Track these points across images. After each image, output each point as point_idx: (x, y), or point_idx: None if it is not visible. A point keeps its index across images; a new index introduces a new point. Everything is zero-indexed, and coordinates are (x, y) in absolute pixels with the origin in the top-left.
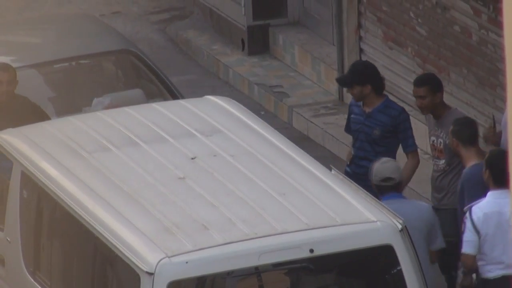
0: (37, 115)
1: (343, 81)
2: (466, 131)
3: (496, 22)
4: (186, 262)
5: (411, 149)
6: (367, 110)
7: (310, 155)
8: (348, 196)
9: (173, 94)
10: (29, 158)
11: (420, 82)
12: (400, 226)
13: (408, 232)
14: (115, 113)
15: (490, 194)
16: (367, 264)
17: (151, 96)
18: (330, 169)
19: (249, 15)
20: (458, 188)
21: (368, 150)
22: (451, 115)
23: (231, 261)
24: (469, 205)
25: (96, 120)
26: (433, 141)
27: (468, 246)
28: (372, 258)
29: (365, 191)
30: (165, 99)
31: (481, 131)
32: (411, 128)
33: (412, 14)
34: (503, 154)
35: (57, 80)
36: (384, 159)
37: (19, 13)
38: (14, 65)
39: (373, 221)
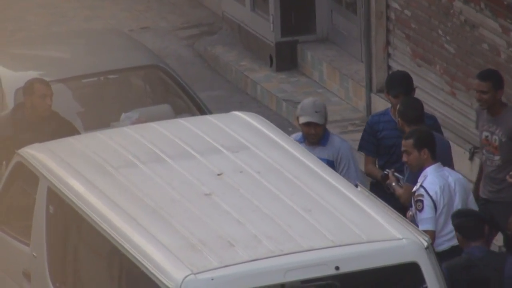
0: (69, 130)
1: (402, 91)
2: (411, 112)
3: None
4: (212, 279)
5: None
6: None
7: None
8: (374, 213)
9: (201, 109)
10: (56, 173)
11: (484, 76)
12: (425, 244)
13: (434, 249)
14: (142, 128)
15: (431, 170)
16: (392, 281)
17: (179, 112)
18: (356, 186)
19: (277, 31)
20: None
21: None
22: (509, 113)
23: (257, 278)
24: (417, 187)
25: (123, 135)
26: (487, 136)
27: (429, 223)
28: (398, 275)
29: (391, 208)
30: (193, 114)
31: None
32: (442, 134)
33: (440, 32)
34: (428, 131)
35: (86, 95)
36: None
37: (47, 28)
38: None
39: (399, 239)
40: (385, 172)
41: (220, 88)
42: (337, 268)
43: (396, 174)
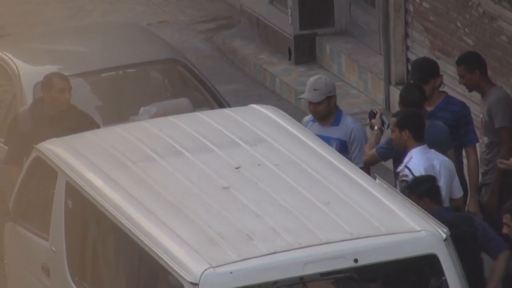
0: (88, 123)
1: (418, 77)
2: (409, 97)
3: None
4: (231, 273)
5: (473, 143)
6: (429, 108)
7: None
8: (392, 205)
9: (220, 103)
10: (74, 168)
11: (457, 61)
12: (444, 236)
13: (452, 242)
14: (160, 122)
15: (416, 152)
16: (411, 273)
17: (197, 105)
18: (375, 178)
19: (296, 24)
20: None
21: None
22: (494, 92)
23: (276, 271)
24: (401, 167)
25: (141, 129)
26: (481, 118)
27: None
28: (417, 267)
29: (409, 200)
30: (212, 108)
31: None
32: (472, 123)
33: (459, 24)
34: (415, 112)
35: (104, 89)
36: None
37: (66, 22)
38: None
39: (417, 231)
40: (374, 111)
41: (239, 81)
42: (355, 260)
43: (383, 117)
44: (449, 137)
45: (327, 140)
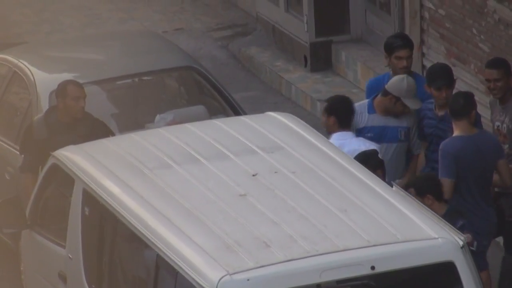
0: (103, 131)
1: (445, 84)
2: (455, 105)
3: None
4: (248, 280)
5: None
6: (440, 113)
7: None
8: (409, 212)
9: (236, 110)
10: (91, 175)
11: (495, 64)
12: (461, 243)
13: (469, 249)
14: (176, 129)
15: (333, 137)
16: (428, 281)
17: (213, 113)
18: (391, 185)
19: (311, 31)
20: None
21: None
22: None
23: (293, 278)
24: None
25: (157, 136)
26: (498, 126)
27: None
28: (434, 275)
29: (426, 207)
30: (228, 115)
31: None
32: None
33: (475, 31)
34: (344, 100)
35: (120, 97)
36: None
37: (82, 30)
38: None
39: (435, 238)
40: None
41: (255, 89)
42: (372, 268)
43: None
44: (500, 146)
45: (395, 130)
